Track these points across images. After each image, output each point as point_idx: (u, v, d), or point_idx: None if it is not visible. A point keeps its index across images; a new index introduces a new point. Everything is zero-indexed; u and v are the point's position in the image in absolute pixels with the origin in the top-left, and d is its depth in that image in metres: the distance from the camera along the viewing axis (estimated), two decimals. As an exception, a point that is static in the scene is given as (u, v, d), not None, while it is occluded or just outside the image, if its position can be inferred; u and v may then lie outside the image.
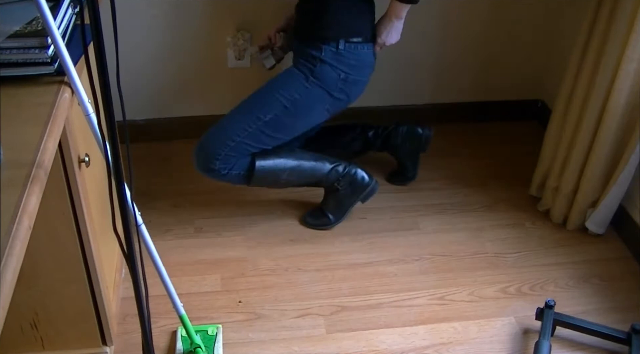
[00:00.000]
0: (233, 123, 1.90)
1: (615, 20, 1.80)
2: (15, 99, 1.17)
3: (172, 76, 2.39)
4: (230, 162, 1.91)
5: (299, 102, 1.90)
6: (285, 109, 1.89)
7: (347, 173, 2.08)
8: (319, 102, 1.93)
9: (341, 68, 1.89)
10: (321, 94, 1.91)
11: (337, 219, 2.13)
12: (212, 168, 1.90)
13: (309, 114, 1.95)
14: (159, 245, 1.53)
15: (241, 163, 1.93)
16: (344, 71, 1.90)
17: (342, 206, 2.12)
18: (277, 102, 1.89)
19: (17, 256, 0.84)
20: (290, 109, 1.89)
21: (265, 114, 1.88)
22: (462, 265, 2.01)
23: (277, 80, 1.93)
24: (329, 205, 2.13)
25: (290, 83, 1.90)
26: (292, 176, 2.01)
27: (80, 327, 1.54)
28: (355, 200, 2.13)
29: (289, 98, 1.88)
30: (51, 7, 1.21)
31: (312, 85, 1.89)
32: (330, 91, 1.91)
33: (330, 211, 2.13)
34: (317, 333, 1.77)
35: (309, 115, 1.95)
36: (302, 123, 1.97)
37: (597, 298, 1.90)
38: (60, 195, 1.30)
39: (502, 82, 2.64)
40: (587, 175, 2.02)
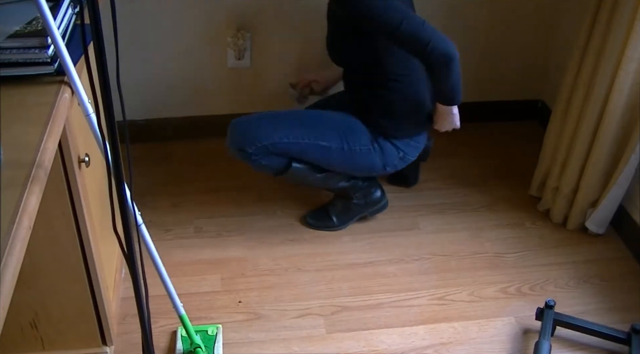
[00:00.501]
0: (287, 127, 1.88)
1: (615, 20, 1.80)
2: (15, 99, 1.17)
3: (172, 76, 2.39)
4: (265, 154, 1.87)
5: (356, 155, 1.92)
6: (342, 150, 1.90)
7: (367, 187, 2.09)
8: (371, 167, 1.96)
9: (403, 150, 1.95)
10: (377, 163, 1.94)
11: (340, 224, 2.13)
12: (245, 150, 1.86)
13: (357, 168, 1.98)
14: (159, 245, 1.52)
15: (276, 160, 1.89)
16: (404, 152, 1.96)
17: (349, 213, 2.12)
18: (338, 138, 1.89)
19: (17, 256, 0.84)
20: (345, 153, 1.91)
21: (322, 140, 1.88)
22: (462, 265, 2.01)
23: (348, 121, 1.93)
24: (337, 208, 2.13)
25: (357, 134, 1.91)
26: (319, 181, 2.00)
27: (80, 327, 1.54)
28: (363, 212, 2.13)
29: (350, 145, 1.90)
30: (51, 7, 1.21)
31: (375, 150, 1.92)
32: (386, 164, 1.96)
33: (336, 214, 2.12)
34: (317, 333, 1.77)
35: (356, 168, 1.98)
36: (345, 168, 1.98)
37: (597, 298, 1.90)
38: (60, 195, 1.30)
39: (502, 82, 2.64)
40: (587, 175, 2.02)
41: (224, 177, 2.35)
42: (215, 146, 2.48)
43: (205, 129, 2.51)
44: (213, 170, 2.39)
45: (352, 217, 2.13)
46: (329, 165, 1.94)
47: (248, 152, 1.85)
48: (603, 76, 1.87)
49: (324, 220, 2.13)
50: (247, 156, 1.86)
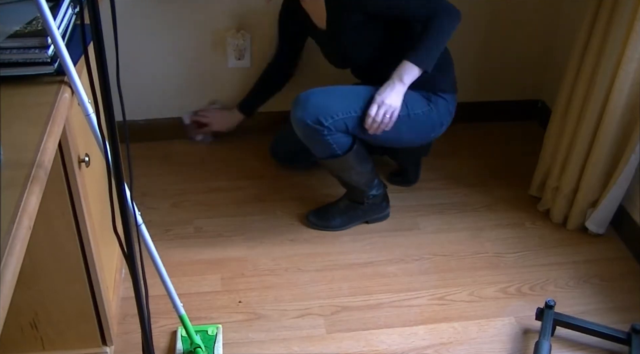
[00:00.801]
0: (358, 100, 1.85)
1: (615, 20, 1.80)
2: (15, 99, 1.17)
3: (172, 76, 2.40)
4: (338, 129, 1.84)
5: (419, 119, 1.94)
6: (407, 117, 1.90)
7: (380, 195, 2.11)
8: (432, 127, 1.99)
9: (451, 103, 2.02)
10: (436, 121, 1.98)
11: (342, 225, 2.12)
12: (322, 123, 1.82)
13: (420, 132, 1.99)
14: (159, 245, 1.53)
15: (343, 137, 1.87)
16: (451, 105, 2.02)
17: (353, 217, 2.12)
18: (404, 108, 1.88)
19: (17, 256, 0.84)
20: (412, 119, 1.92)
21: None
22: (462, 265, 2.01)
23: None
24: (341, 209, 2.13)
25: (414, 99, 1.92)
26: (362, 174, 2.02)
27: (80, 327, 1.54)
28: (365, 218, 2.14)
29: (409, 111, 1.91)
30: (51, 7, 1.21)
31: (432, 110, 1.95)
32: (442, 122, 2.00)
33: (340, 216, 2.12)
34: (317, 333, 1.77)
35: (420, 132, 1.99)
36: (411, 135, 1.98)
37: (597, 298, 1.90)
38: (60, 195, 1.30)
39: (502, 82, 2.64)
40: (587, 175, 2.02)
41: (224, 177, 2.35)
42: (215, 146, 2.48)
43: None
44: (213, 170, 2.39)
45: (354, 221, 2.13)
46: (396, 136, 1.92)
47: (324, 125, 1.81)
48: (603, 76, 1.87)
49: (326, 220, 2.13)
50: (321, 129, 1.82)
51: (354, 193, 2.11)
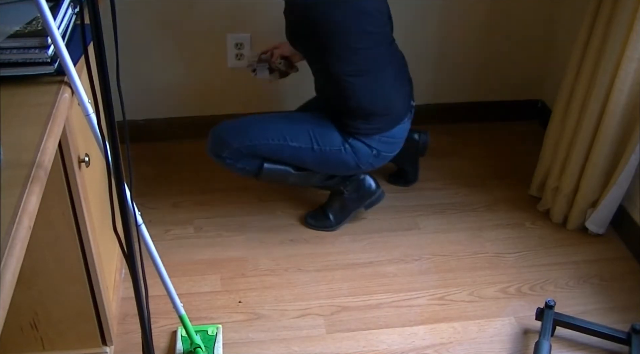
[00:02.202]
0: (257, 128, 1.92)
1: (615, 20, 1.80)
2: (15, 99, 1.17)
3: (172, 76, 2.40)
4: (238, 157, 1.92)
5: (327, 155, 1.93)
6: (312, 150, 1.92)
7: (355, 178, 2.08)
8: (344, 166, 1.97)
9: (376, 147, 1.95)
10: (350, 162, 1.95)
11: (338, 222, 2.12)
12: (220, 155, 1.92)
13: (330, 167, 2.00)
14: (159, 245, 1.53)
15: (250, 162, 1.94)
16: (377, 149, 1.95)
17: (345, 210, 2.12)
18: (308, 138, 1.91)
19: (17, 257, 0.84)
20: (317, 153, 1.92)
21: (292, 140, 1.91)
22: (462, 265, 2.01)
23: (320, 121, 1.94)
24: (333, 206, 2.13)
25: (328, 135, 1.92)
26: (300, 179, 2.02)
27: (80, 327, 1.54)
28: (359, 206, 2.12)
29: (320, 145, 1.92)
30: (51, 7, 1.21)
31: (345, 150, 1.93)
32: (360, 163, 1.96)
33: (333, 213, 2.12)
34: (317, 333, 1.77)
35: (330, 168, 2.00)
36: (319, 167, 1.99)
37: (597, 298, 1.90)
38: (60, 195, 1.30)
39: (502, 82, 2.64)
40: (587, 175, 2.02)
41: (224, 177, 2.35)
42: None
43: (205, 129, 2.49)
44: (213, 170, 2.38)
45: (349, 214, 2.13)
46: (302, 164, 1.97)
47: (222, 157, 1.92)
48: (603, 76, 1.87)
49: (322, 220, 2.13)
50: (222, 160, 1.93)
51: (329, 189, 2.12)
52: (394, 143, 1.99)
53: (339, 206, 2.12)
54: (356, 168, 1.98)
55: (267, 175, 1.97)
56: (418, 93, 2.60)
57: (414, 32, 2.44)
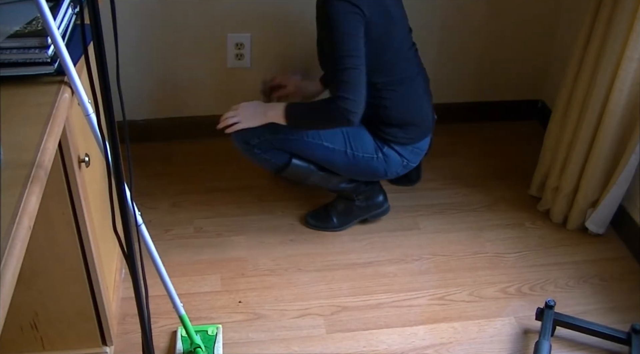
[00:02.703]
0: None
1: (615, 20, 1.80)
2: (15, 99, 1.17)
3: (172, 76, 2.39)
4: (268, 148, 1.89)
5: (359, 160, 1.93)
6: (345, 154, 1.91)
7: (370, 189, 2.09)
8: (373, 173, 1.97)
9: (407, 157, 1.96)
10: (380, 169, 1.95)
11: (340, 225, 2.12)
12: (249, 142, 1.89)
13: (358, 173, 1.99)
14: (159, 245, 1.53)
15: (278, 155, 1.91)
16: (407, 159, 1.97)
17: (350, 215, 2.12)
18: (342, 141, 1.91)
19: (17, 257, 0.84)
20: (349, 157, 1.92)
21: (326, 140, 1.89)
22: (462, 265, 2.01)
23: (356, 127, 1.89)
24: (338, 209, 2.12)
25: (363, 141, 1.92)
26: (320, 180, 2.01)
27: (80, 327, 1.54)
28: (364, 215, 2.13)
29: (353, 150, 1.91)
30: (51, 7, 1.21)
31: (378, 159, 1.93)
32: (388, 171, 1.97)
33: (337, 215, 2.12)
34: (317, 333, 1.77)
35: (358, 173, 1.99)
36: (347, 171, 1.98)
37: (597, 298, 1.90)
38: (60, 195, 1.30)
39: (502, 82, 2.64)
40: (587, 175, 2.02)
41: (224, 176, 2.35)
42: (215, 146, 2.48)
43: (205, 129, 2.50)
44: (213, 170, 2.39)
45: (353, 219, 2.13)
46: (331, 166, 1.95)
47: (251, 145, 1.88)
48: (603, 76, 1.87)
49: (324, 221, 2.13)
50: (250, 149, 1.89)
51: (341, 193, 2.11)
52: (420, 154, 2.01)
53: (345, 210, 2.12)
54: (384, 176, 1.99)
55: (292, 171, 1.95)
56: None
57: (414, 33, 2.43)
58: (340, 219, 2.12)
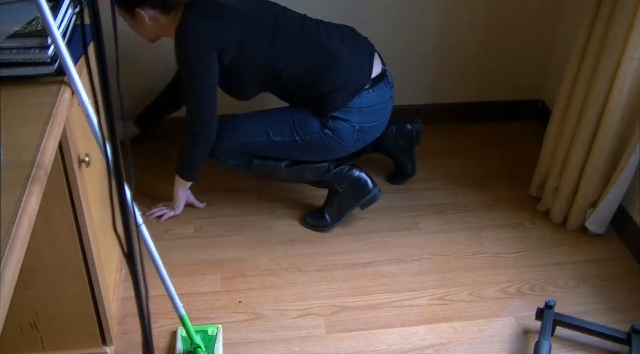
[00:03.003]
0: (243, 127, 1.99)
1: (615, 20, 1.80)
2: (15, 99, 1.17)
3: (172, 76, 2.39)
4: (229, 155, 2.00)
5: (312, 143, 1.97)
6: (295, 142, 1.96)
7: (350, 175, 2.06)
8: (330, 149, 1.99)
9: (355, 120, 1.95)
10: (334, 144, 1.97)
11: (333, 222, 2.12)
12: (213, 154, 2.00)
13: (317, 154, 2.02)
14: (159, 245, 1.52)
15: (240, 159, 2.01)
16: (358, 122, 1.95)
17: (341, 210, 2.11)
18: (289, 130, 1.95)
19: (17, 257, 0.84)
20: (299, 144, 1.96)
21: (274, 135, 1.96)
22: (462, 265, 2.01)
23: (296, 110, 1.98)
24: (330, 206, 2.13)
25: (306, 123, 1.95)
26: (292, 173, 2.05)
27: (80, 327, 1.54)
28: (354, 204, 2.10)
29: (301, 135, 1.96)
30: (51, 7, 1.21)
31: (326, 135, 1.95)
32: (343, 142, 1.97)
33: (329, 212, 2.12)
34: (317, 333, 1.77)
35: (317, 154, 2.02)
36: (306, 156, 2.02)
37: (597, 298, 1.90)
38: (60, 195, 1.30)
39: (502, 82, 2.64)
40: (587, 175, 2.02)
41: (224, 177, 2.35)
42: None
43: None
44: (213, 170, 2.38)
45: (345, 212, 2.11)
46: (289, 156, 2.02)
47: (215, 155, 2.00)
48: (603, 76, 1.87)
49: (319, 220, 2.13)
50: (216, 159, 2.01)
51: (324, 186, 2.13)
52: (374, 111, 1.98)
53: (336, 206, 2.11)
54: (343, 149, 2.00)
55: (259, 171, 2.05)
56: (419, 93, 2.61)
57: (415, 33, 2.44)
58: (333, 216, 2.12)
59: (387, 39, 2.43)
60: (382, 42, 2.47)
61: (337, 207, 2.11)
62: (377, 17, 2.38)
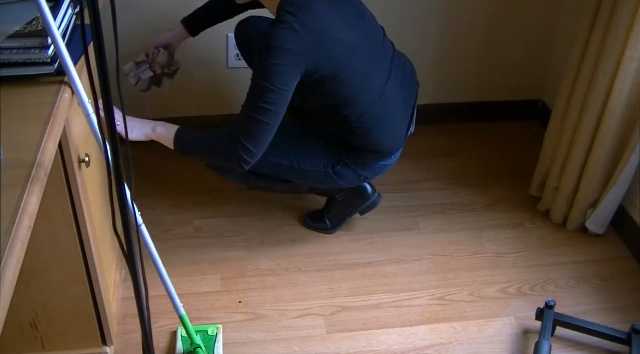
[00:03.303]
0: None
1: (615, 20, 1.80)
2: (15, 99, 1.17)
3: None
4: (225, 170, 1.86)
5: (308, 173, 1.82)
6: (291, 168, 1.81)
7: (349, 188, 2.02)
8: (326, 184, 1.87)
9: (364, 174, 1.84)
10: (333, 181, 1.82)
11: (333, 227, 2.11)
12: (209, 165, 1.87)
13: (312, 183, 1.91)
14: (159, 245, 1.52)
15: (237, 175, 1.87)
16: (366, 176, 1.86)
17: (340, 216, 2.10)
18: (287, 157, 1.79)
19: (17, 256, 0.84)
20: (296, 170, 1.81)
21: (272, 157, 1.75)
22: (462, 265, 2.01)
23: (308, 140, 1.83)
24: (329, 212, 2.11)
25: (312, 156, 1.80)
26: (288, 188, 1.96)
27: (80, 327, 1.54)
28: (354, 211, 2.07)
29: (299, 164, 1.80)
30: (51, 7, 1.21)
31: (327, 174, 1.81)
32: (343, 184, 1.86)
33: (329, 218, 2.11)
34: (317, 333, 1.77)
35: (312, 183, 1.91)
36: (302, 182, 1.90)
37: (597, 298, 1.90)
38: (60, 195, 1.30)
39: (502, 82, 2.64)
40: (587, 175, 2.02)
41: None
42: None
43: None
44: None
45: (345, 218, 2.10)
46: (286, 177, 1.86)
47: (211, 166, 1.87)
48: (603, 76, 1.87)
49: (319, 222, 2.12)
50: (214, 171, 1.88)
51: (323, 194, 2.09)
52: (383, 170, 1.89)
53: (335, 212, 2.10)
54: (337, 186, 1.90)
55: (257, 187, 1.95)
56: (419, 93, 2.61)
57: (415, 32, 2.44)
58: (333, 221, 2.10)
59: (387, 39, 2.43)
60: (382, 42, 2.47)
61: (336, 213, 2.10)
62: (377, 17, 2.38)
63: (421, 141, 2.51)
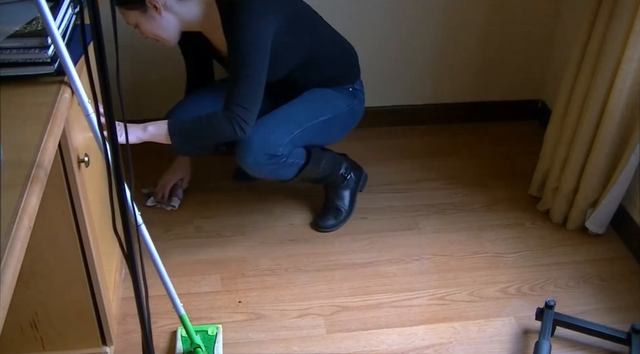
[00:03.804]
0: (289, 119, 1.88)
1: (615, 20, 1.80)
2: (15, 99, 1.17)
3: (172, 76, 2.39)
4: (291, 151, 1.85)
5: (345, 114, 2.02)
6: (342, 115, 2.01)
7: (346, 162, 2.17)
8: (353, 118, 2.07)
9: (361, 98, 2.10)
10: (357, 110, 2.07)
11: (350, 212, 2.16)
12: (275, 154, 1.80)
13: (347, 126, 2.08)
14: (159, 245, 1.52)
15: (299, 153, 1.91)
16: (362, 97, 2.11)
17: (352, 195, 2.18)
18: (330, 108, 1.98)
19: (17, 257, 0.84)
20: (338, 119, 2.01)
21: (321, 115, 1.95)
22: (462, 265, 2.01)
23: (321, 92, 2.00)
24: (340, 199, 2.15)
25: (339, 100, 2.01)
26: (327, 166, 2.05)
27: (80, 327, 1.54)
28: (357, 188, 2.20)
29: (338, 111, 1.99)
30: (51, 7, 1.21)
31: (356, 100, 2.05)
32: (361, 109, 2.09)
33: (342, 205, 2.14)
34: (317, 333, 1.77)
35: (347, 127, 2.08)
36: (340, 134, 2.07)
37: (597, 298, 1.90)
38: (60, 195, 1.30)
39: (502, 82, 2.64)
40: (587, 175, 2.02)
41: (224, 177, 2.35)
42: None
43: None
44: (213, 170, 2.39)
45: (355, 197, 2.19)
46: (330, 138, 2.04)
47: (279, 155, 1.81)
48: (603, 76, 1.87)
49: (337, 217, 2.13)
50: (278, 160, 1.82)
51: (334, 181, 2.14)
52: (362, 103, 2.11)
53: (349, 194, 2.16)
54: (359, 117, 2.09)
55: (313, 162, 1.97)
56: (418, 93, 2.61)
57: (415, 32, 2.44)
58: (350, 205, 2.17)
59: (388, 39, 2.43)
60: (383, 42, 2.47)
61: (350, 195, 2.17)
62: (377, 16, 2.38)
63: (421, 141, 2.52)
